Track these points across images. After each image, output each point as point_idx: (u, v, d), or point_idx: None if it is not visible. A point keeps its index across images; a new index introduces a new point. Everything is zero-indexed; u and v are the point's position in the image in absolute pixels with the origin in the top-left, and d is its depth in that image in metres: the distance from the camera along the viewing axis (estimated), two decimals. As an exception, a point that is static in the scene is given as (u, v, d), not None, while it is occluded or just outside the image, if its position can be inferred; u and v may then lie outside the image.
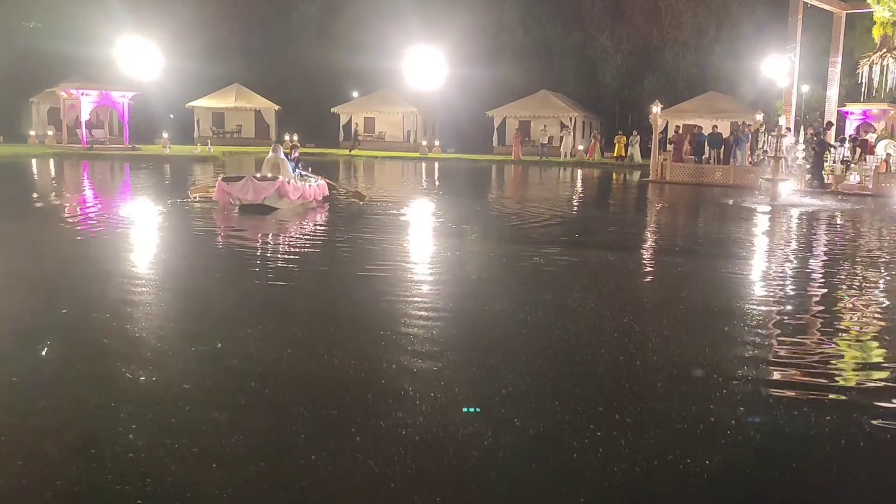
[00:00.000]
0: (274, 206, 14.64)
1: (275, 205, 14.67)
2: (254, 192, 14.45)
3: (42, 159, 32.14)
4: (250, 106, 48.04)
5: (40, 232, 12.48)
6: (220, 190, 14.93)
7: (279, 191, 14.72)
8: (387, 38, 44.70)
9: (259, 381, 5.14)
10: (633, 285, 9.19)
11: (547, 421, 4.55)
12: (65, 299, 7.49)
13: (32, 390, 4.94)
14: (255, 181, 14.63)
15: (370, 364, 5.52)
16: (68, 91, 38.57)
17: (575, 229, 14.87)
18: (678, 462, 4.04)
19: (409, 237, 12.99)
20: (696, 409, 4.75)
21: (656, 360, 5.83)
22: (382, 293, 8.06)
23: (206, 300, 7.74)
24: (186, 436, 4.21)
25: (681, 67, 45.81)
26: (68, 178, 25.33)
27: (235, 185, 14.68)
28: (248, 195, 14.47)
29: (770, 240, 13.85)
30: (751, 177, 23.30)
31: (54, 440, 4.18)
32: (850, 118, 30.73)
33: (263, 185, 14.61)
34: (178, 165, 31.45)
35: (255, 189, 14.48)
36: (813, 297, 8.55)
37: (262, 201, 14.49)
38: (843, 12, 28.11)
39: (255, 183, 14.58)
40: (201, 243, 11.62)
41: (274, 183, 14.69)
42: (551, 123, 43.14)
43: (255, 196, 14.46)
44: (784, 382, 5.33)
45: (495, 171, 33.96)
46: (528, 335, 6.49)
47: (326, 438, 4.22)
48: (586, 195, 24.18)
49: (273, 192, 14.61)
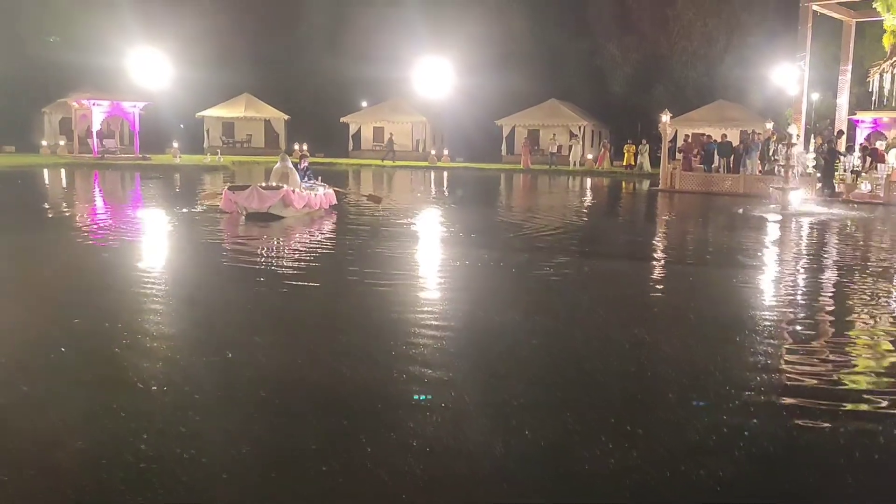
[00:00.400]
0: (279, 214, 14.77)
1: (280, 213, 14.80)
2: (259, 201, 14.64)
3: (54, 169, 32.35)
4: (260, 115, 48.27)
5: (52, 241, 12.53)
6: (226, 198, 15.16)
7: (284, 199, 14.87)
8: (396, 47, 44.88)
9: (269, 390, 5.14)
10: (644, 295, 9.14)
11: (558, 431, 4.53)
12: (76, 309, 7.51)
13: (43, 399, 4.95)
14: (261, 190, 14.82)
15: (380, 373, 5.51)
16: (80, 101, 38.85)
17: (584, 238, 14.83)
18: (690, 473, 4.01)
19: (419, 246, 12.99)
20: (707, 420, 4.73)
21: (667, 370, 5.79)
22: (392, 302, 8.06)
23: (216, 309, 7.75)
24: (197, 445, 4.21)
25: (690, 76, 45.75)
26: (80, 187, 25.47)
27: (241, 193, 14.91)
28: (253, 203, 14.67)
29: (781, 249, 13.78)
30: (761, 186, 23.20)
31: (65, 449, 4.19)
32: (860, 127, 30.61)
33: (268, 193, 14.80)
34: (188, 175, 31.60)
35: (260, 198, 14.68)
36: (825, 306, 8.50)
37: (268, 210, 14.66)
38: (854, 21, 28.04)
39: (260, 192, 14.77)
40: (209, 253, 11.65)
41: (279, 192, 14.84)
42: (560, 132, 43.14)
43: (260, 204, 14.64)
44: (797, 393, 5.29)
45: (504, 180, 33.98)
46: (538, 345, 6.47)
47: (337, 448, 4.21)
48: (596, 204, 24.14)
49: (278, 201, 14.78)
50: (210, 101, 47.52)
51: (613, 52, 47.75)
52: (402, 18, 45.70)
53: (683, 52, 45.79)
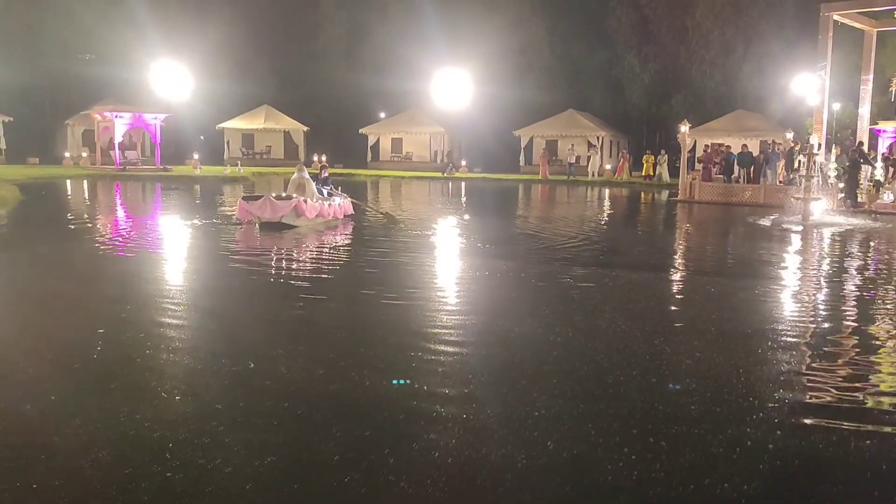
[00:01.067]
0: (291, 223, 15.13)
1: (292, 223, 15.19)
2: (271, 211, 15.06)
3: (76, 180, 32.75)
4: (279, 127, 48.64)
5: (75, 252, 12.69)
6: (241, 208, 15.66)
7: (296, 209, 15.28)
8: (414, 59, 45.14)
9: (292, 401, 5.16)
10: (664, 306, 9.10)
11: (580, 443, 4.51)
12: (100, 318, 7.59)
13: (69, 408, 5.00)
14: (273, 200, 15.26)
15: (401, 385, 5.52)
16: (102, 114, 39.35)
17: (604, 250, 14.78)
18: (715, 486, 3.98)
19: (438, 257, 13.01)
20: (731, 433, 4.69)
21: (689, 382, 5.76)
22: (411, 314, 8.07)
23: (237, 320, 7.80)
24: (220, 455, 4.24)
25: (708, 86, 45.57)
26: (101, 199, 25.75)
27: (255, 203, 15.38)
28: (266, 213, 15.10)
29: (802, 260, 13.66)
30: (781, 196, 23.02)
31: (90, 458, 4.23)
32: (882, 136, 30.33)
33: (280, 204, 15.21)
34: (208, 186, 31.87)
35: (272, 207, 15.10)
36: (848, 318, 8.41)
37: (280, 219, 15.04)
38: (875, 30, 27.82)
39: (273, 202, 15.20)
40: (229, 264, 11.73)
41: (290, 202, 15.24)
42: (578, 143, 43.09)
43: (273, 214, 15.04)
44: (821, 406, 5.24)
45: (522, 191, 33.96)
46: (559, 356, 6.45)
47: (359, 459, 4.22)
48: (615, 215, 24.06)
49: (290, 211, 15.20)
50: (230, 112, 47.99)
51: (632, 62, 47.70)
52: (420, 30, 45.98)
53: (702, 62, 45.63)
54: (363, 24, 51.42)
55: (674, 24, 46.13)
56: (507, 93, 44.90)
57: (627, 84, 48.25)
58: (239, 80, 47.83)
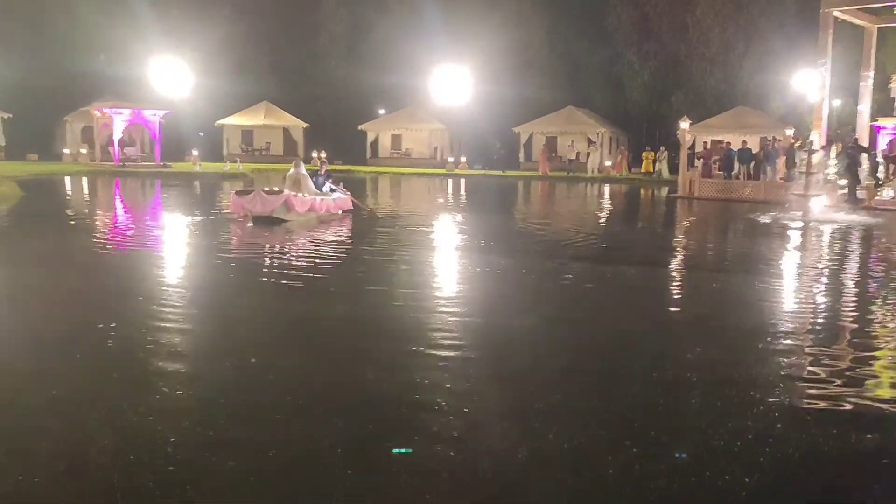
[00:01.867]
0: (282, 218, 15.27)
1: (283, 217, 15.33)
2: (262, 205, 15.24)
3: (76, 177, 32.70)
4: (279, 123, 48.62)
5: (75, 248, 12.70)
6: (234, 202, 15.95)
7: (286, 204, 15.41)
8: (414, 55, 45.06)
9: (294, 395, 5.17)
10: (665, 302, 9.10)
11: (582, 436, 4.52)
12: (100, 314, 7.58)
13: (72, 402, 5.01)
14: (263, 195, 15.43)
15: (403, 378, 5.53)
16: (101, 110, 39.30)
17: (605, 246, 14.78)
18: (716, 479, 3.99)
19: (438, 253, 13.01)
20: (732, 426, 4.70)
21: (690, 376, 5.77)
22: (412, 308, 8.07)
23: (238, 315, 7.79)
24: (223, 449, 4.25)
25: (709, 83, 45.50)
26: (101, 195, 25.75)
27: (246, 197, 15.59)
28: (256, 207, 15.28)
29: (802, 256, 13.67)
30: (781, 192, 23.01)
31: (93, 452, 4.23)
32: (882, 133, 30.31)
33: (271, 198, 15.36)
34: (207, 182, 31.86)
35: (262, 202, 15.28)
36: (849, 314, 8.42)
37: (271, 213, 15.20)
38: (875, 27, 27.80)
39: (263, 196, 15.38)
40: (228, 259, 11.73)
41: (280, 196, 15.40)
42: (578, 139, 43.09)
43: (264, 208, 15.20)
44: (822, 399, 5.25)
45: (522, 187, 33.95)
46: (559, 350, 6.46)
47: (362, 452, 4.23)
48: (615, 211, 24.06)
49: (280, 205, 15.32)
50: (229, 109, 47.94)
51: (632, 59, 47.62)
52: (420, 27, 45.88)
53: (702, 59, 45.56)
54: (363, 21, 51.35)
55: (674, 22, 46.04)
56: (506, 89, 44.82)
57: (627, 81, 48.19)
58: (238, 76, 47.73)
